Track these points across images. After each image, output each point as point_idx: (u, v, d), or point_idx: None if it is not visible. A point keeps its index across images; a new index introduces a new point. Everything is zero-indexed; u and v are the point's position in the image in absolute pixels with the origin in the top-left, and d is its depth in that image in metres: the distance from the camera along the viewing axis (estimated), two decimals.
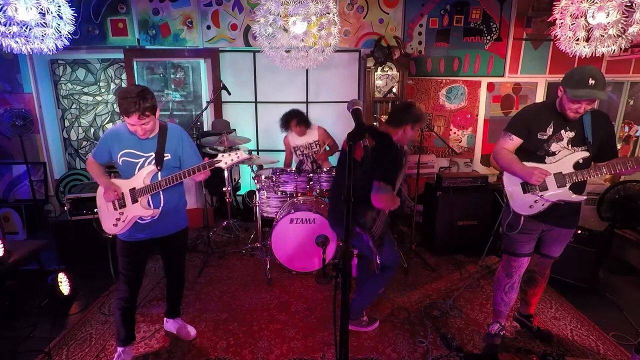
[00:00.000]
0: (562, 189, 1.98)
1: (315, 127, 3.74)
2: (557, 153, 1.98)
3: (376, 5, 4.27)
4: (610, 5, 2.19)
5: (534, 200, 2.03)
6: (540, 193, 2.01)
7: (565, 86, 1.86)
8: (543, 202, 2.01)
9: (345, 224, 1.22)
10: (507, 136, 2.05)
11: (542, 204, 2.02)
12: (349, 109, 1.49)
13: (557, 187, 1.98)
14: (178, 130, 2.08)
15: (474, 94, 4.53)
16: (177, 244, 2.20)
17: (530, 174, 1.95)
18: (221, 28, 4.33)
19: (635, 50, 3.94)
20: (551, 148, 1.98)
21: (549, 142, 1.97)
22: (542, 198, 2.01)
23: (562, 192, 1.98)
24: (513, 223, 2.10)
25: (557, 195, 1.99)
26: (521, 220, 2.07)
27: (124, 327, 2.12)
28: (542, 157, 2.00)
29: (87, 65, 4.48)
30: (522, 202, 2.06)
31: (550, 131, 1.96)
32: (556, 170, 1.98)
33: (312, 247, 3.05)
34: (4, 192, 4.54)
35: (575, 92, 1.80)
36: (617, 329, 2.45)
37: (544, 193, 2.00)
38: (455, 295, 2.85)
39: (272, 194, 3.38)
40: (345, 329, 1.26)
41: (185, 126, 4.68)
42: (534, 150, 2.01)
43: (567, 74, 1.89)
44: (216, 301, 2.80)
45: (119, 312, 2.09)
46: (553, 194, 1.99)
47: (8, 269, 2.59)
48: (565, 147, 1.97)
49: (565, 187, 1.97)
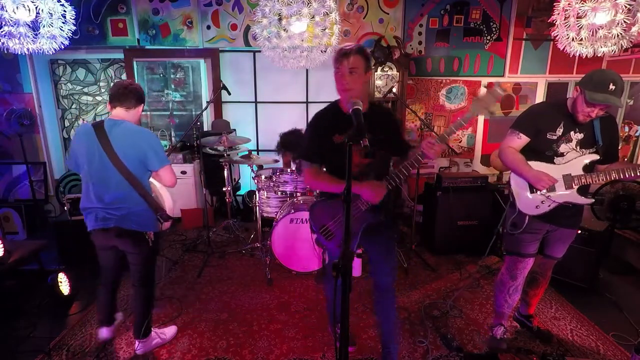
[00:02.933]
0: (571, 190, 1.96)
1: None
2: (565, 154, 1.96)
3: (376, 5, 4.27)
4: (610, 5, 2.19)
5: (541, 201, 2.01)
6: (548, 194, 1.99)
7: (583, 87, 1.82)
8: (550, 203, 2.00)
9: (345, 224, 1.23)
10: (514, 134, 2.01)
11: (548, 205, 2.01)
12: (349, 109, 1.49)
13: (565, 189, 1.97)
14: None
15: (474, 94, 4.53)
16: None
17: (538, 179, 1.91)
18: (221, 28, 4.33)
19: (635, 50, 3.94)
20: (560, 149, 1.96)
21: (559, 143, 1.95)
22: (549, 199, 1.99)
23: (570, 193, 1.97)
24: (518, 222, 2.08)
25: (565, 197, 1.98)
26: (526, 220, 2.05)
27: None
28: (551, 158, 1.97)
29: (87, 65, 4.48)
30: (528, 202, 2.04)
31: (560, 132, 1.93)
32: (565, 171, 1.95)
33: (312, 247, 3.05)
34: (4, 192, 4.54)
35: (593, 95, 1.76)
36: (617, 329, 2.45)
37: (552, 194, 1.98)
38: (455, 295, 2.85)
39: (272, 194, 3.38)
40: (345, 329, 1.26)
41: (185, 126, 4.72)
42: (542, 150, 1.98)
43: (587, 75, 1.86)
44: (216, 301, 2.80)
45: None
46: (561, 195, 1.98)
47: (8, 269, 2.59)
48: (573, 148, 1.95)
49: (574, 189, 1.96)
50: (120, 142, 1.92)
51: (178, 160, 4.36)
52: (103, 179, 1.95)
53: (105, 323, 2.29)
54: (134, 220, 2.00)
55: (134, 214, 2.00)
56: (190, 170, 4.37)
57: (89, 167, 1.95)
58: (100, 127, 1.94)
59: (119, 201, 1.96)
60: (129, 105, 2.00)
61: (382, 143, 1.73)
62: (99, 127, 1.94)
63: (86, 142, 1.94)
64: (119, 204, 1.97)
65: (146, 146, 1.96)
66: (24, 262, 2.73)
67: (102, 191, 1.96)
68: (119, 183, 1.94)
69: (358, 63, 1.66)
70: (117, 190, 1.95)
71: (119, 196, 1.96)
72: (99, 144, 1.91)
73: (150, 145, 1.97)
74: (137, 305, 2.19)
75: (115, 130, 1.94)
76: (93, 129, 1.94)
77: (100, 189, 1.96)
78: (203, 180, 3.86)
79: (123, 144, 1.92)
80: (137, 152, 1.95)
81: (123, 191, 1.96)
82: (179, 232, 4.16)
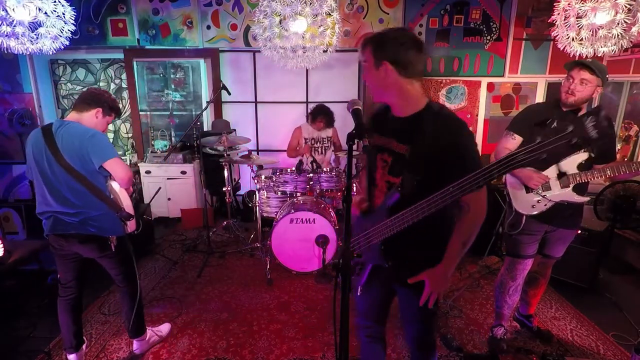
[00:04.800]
0: (566, 189, 1.98)
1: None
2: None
3: (376, 5, 4.27)
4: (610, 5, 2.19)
5: (537, 200, 2.03)
6: (544, 193, 2.01)
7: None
8: (546, 202, 2.01)
9: (345, 224, 1.22)
10: (509, 135, 2.06)
11: (544, 204, 2.02)
12: (349, 109, 1.49)
13: (560, 188, 1.98)
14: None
15: (474, 94, 4.52)
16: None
17: (529, 177, 1.96)
18: (221, 28, 4.33)
19: (635, 50, 3.94)
20: None
21: None
22: (545, 198, 2.01)
23: (565, 192, 1.98)
24: (515, 222, 2.10)
25: (560, 196, 1.99)
26: (523, 220, 2.06)
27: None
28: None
29: (87, 65, 4.49)
30: (524, 201, 2.06)
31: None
32: (560, 170, 1.98)
33: (312, 247, 3.05)
34: (4, 192, 4.54)
35: (567, 64, 1.92)
36: (617, 329, 2.44)
37: (547, 193, 2.00)
38: (455, 295, 2.85)
39: (272, 194, 3.38)
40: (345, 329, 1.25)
41: (185, 126, 4.72)
42: None
43: None
44: (216, 301, 2.80)
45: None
46: (556, 194, 1.99)
47: (8, 269, 2.59)
48: None
49: (569, 187, 1.97)
50: (65, 143, 1.82)
51: (178, 160, 4.36)
52: (55, 183, 1.86)
53: (69, 348, 2.07)
54: (93, 225, 1.90)
55: (93, 218, 1.89)
56: (190, 170, 4.37)
57: (41, 172, 1.86)
58: (48, 130, 1.85)
59: (74, 206, 1.87)
60: (81, 108, 1.91)
61: (424, 162, 1.29)
62: (47, 130, 1.85)
63: (36, 147, 1.86)
64: (75, 209, 1.87)
65: (86, 143, 1.83)
66: (24, 262, 2.72)
67: (56, 195, 1.86)
68: (71, 186, 1.85)
69: (366, 56, 1.33)
70: (71, 193, 1.86)
71: (73, 200, 1.86)
72: (46, 146, 1.82)
73: (90, 141, 1.84)
74: (124, 304, 2.14)
75: (61, 131, 1.84)
76: (41, 132, 1.85)
77: (54, 193, 1.87)
78: (203, 180, 3.86)
79: (67, 145, 1.82)
80: (79, 151, 1.83)
81: (77, 194, 1.86)
82: (179, 232, 4.17)
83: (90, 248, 1.96)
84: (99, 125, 1.97)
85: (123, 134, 4.80)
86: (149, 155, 4.46)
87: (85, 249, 1.96)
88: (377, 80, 1.33)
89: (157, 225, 4.23)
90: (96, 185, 1.89)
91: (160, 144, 4.63)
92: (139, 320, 2.20)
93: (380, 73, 1.30)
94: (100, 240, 1.94)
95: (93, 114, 1.93)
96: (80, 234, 1.90)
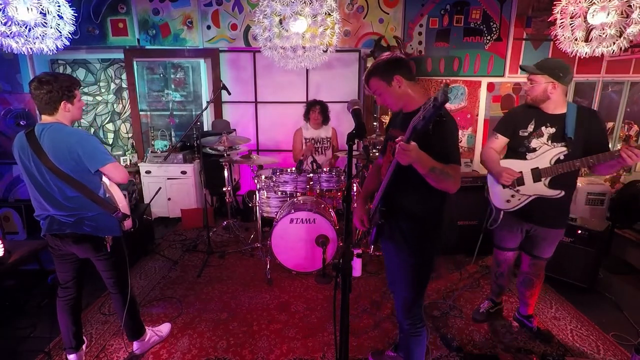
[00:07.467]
0: (538, 183, 2.03)
1: (330, 125, 3.88)
2: (537, 149, 2.03)
3: (376, 5, 4.27)
4: (611, 5, 2.19)
5: (511, 195, 2.11)
6: (517, 187, 2.08)
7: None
8: (520, 197, 2.09)
9: (345, 224, 1.22)
10: (493, 135, 2.17)
11: (518, 199, 2.10)
12: (349, 109, 1.49)
13: (532, 182, 2.04)
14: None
15: (474, 94, 4.53)
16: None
17: (499, 174, 2.06)
18: (221, 28, 4.33)
19: (635, 50, 3.94)
20: (531, 144, 2.04)
21: (530, 139, 2.04)
22: (518, 193, 2.09)
23: (537, 186, 2.03)
24: (495, 217, 2.22)
25: (532, 190, 2.05)
26: (501, 215, 2.18)
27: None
28: (523, 154, 2.07)
29: (87, 65, 4.49)
30: (499, 196, 2.17)
31: (532, 128, 2.03)
32: (533, 165, 2.03)
33: (312, 247, 3.05)
34: (4, 192, 4.54)
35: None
36: (617, 329, 2.44)
37: (520, 188, 2.08)
38: (455, 295, 2.85)
39: (272, 194, 3.39)
40: (346, 329, 1.26)
41: (185, 126, 4.72)
42: (516, 147, 2.09)
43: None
44: (216, 301, 2.80)
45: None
46: (529, 189, 2.06)
47: (8, 269, 2.59)
48: (545, 143, 2.01)
49: (541, 181, 2.02)
50: (51, 146, 1.78)
51: (178, 160, 4.36)
52: (47, 187, 1.83)
53: (69, 348, 2.08)
54: (89, 224, 1.88)
55: (88, 218, 1.88)
56: (190, 170, 4.37)
57: (30, 177, 1.84)
58: (32, 135, 1.80)
59: (69, 209, 1.85)
60: (50, 110, 1.82)
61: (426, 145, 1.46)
62: (31, 135, 1.80)
63: (22, 153, 1.83)
64: (70, 211, 1.85)
65: (75, 147, 1.79)
66: (24, 262, 2.72)
67: (50, 200, 1.84)
68: (63, 191, 1.82)
69: (374, 86, 1.61)
70: (63, 198, 1.83)
71: (67, 204, 1.84)
72: (32, 151, 1.78)
73: (82, 146, 1.80)
74: (119, 310, 2.13)
75: (45, 134, 1.79)
76: (26, 137, 1.81)
77: (48, 198, 1.84)
78: (203, 180, 3.86)
79: (54, 148, 1.78)
80: (70, 154, 1.78)
81: (70, 198, 1.84)
82: (179, 232, 4.17)
83: (85, 248, 1.94)
84: (76, 114, 1.90)
85: (123, 133, 4.80)
86: (149, 155, 4.46)
87: (80, 249, 1.95)
88: (393, 93, 1.59)
89: (157, 225, 4.23)
90: (89, 187, 1.86)
91: (160, 144, 4.63)
92: (136, 324, 2.20)
93: (394, 86, 1.57)
94: (95, 240, 1.93)
95: (62, 110, 1.83)
96: (75, 233, 1.89)
